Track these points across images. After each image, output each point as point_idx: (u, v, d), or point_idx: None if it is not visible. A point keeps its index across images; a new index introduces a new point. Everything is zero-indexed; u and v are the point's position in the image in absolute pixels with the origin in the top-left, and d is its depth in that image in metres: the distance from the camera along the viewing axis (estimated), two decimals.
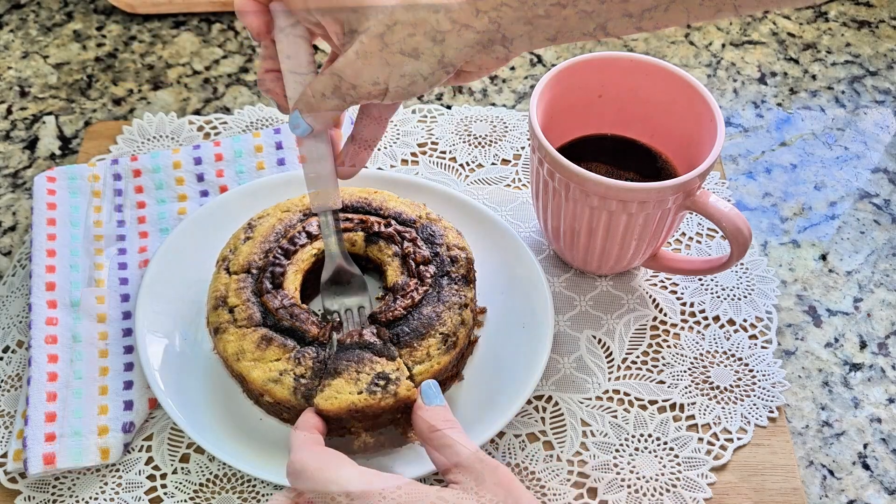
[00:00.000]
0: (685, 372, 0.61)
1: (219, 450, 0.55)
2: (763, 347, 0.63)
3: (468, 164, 0.73)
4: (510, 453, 0.58)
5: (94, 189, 0.69)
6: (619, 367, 0.62)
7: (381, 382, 0.52)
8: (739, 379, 0.61)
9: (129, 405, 0.58)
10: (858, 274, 0.68)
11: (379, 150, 0.73)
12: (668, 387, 0.61)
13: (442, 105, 0.78)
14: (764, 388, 0.61)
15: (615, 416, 0.59)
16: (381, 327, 0.55)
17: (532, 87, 0.80)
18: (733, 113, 0.79)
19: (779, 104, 0.79)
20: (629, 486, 0.57)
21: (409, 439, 0.54)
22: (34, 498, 0.56)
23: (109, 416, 0.58)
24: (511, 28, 0.47)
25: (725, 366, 0.62)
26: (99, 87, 0.80)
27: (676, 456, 0.58)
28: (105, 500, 0.56)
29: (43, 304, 0.61)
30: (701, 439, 0.59)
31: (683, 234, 0.69)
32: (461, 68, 0.50)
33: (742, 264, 0.67)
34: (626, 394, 0.61)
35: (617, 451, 0.58)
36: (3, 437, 0.58)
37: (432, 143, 0.74)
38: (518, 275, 0.63)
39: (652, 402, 0.60)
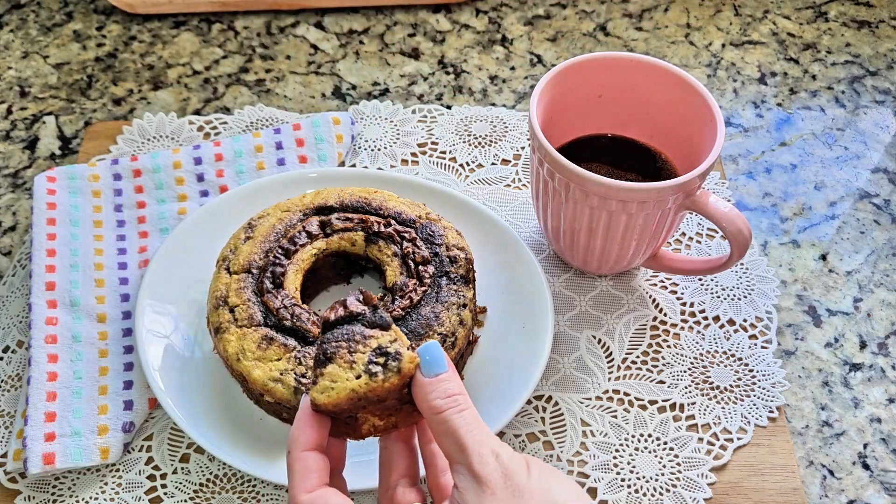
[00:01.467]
0: (685, 372, 0.61)
1: (219, 450, 0.55)
2: (763, 347, 0.63)
3: (468, 164, 0.73)
4: None
5: (94, 189, 0.69)
6: (618, 367, 0.62)
7: (381, 360, 0.44)
8: (739, 379, 0.61)
9: (129, 405, 0.58)
10: (858, 274, 0.68)
11: (379, 150, 0.73)
12: (668, 387, 0.61)
13: (442, 105, 0.78)
14: (764, 388, 0.61)
15: (615, 416, 0.59)
16: (364, 290, 0.47)
17: (532, 87, 0.80)
18: (733, 113, 0.79)
19: (779, 104, 0.79)
20: (629, 486, 0.57)
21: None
22: (34, 498, 0.56)
23: (109, 415, 0.58)
24: None
25: (725, 366, 0.62)
26: (99, 87, 0.80)
27: (676, 456, 0.58)
28: (105, 500, 0.56)
29: (43, 304, 0.61)
30: (701, 439, 0.59)
31: (683, 234, 0.69)
32: None
33: (742, 264, 0.67)
34: (626, 394, 0.61)
35: (617, 451, 0.58)
36: (3, 437, 0.58)
37: (432, 143, 0.74)
38: (518, 275, 0.63)
39: (652, 402, 0.60)
